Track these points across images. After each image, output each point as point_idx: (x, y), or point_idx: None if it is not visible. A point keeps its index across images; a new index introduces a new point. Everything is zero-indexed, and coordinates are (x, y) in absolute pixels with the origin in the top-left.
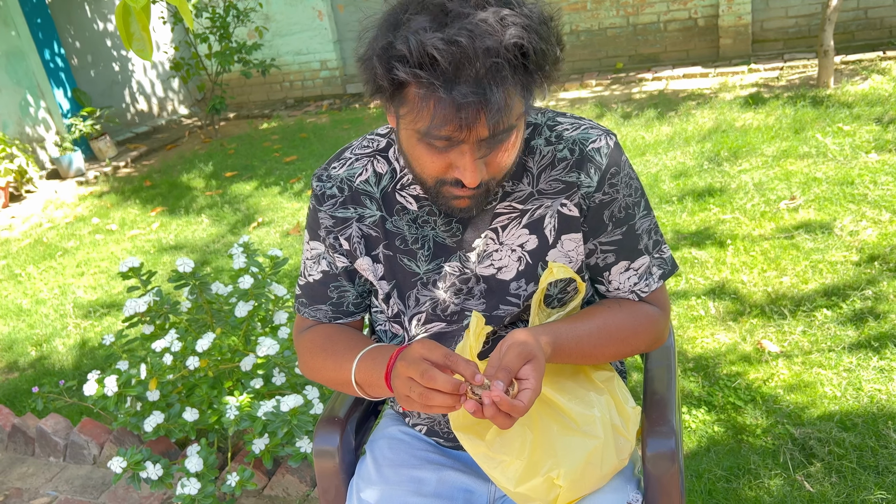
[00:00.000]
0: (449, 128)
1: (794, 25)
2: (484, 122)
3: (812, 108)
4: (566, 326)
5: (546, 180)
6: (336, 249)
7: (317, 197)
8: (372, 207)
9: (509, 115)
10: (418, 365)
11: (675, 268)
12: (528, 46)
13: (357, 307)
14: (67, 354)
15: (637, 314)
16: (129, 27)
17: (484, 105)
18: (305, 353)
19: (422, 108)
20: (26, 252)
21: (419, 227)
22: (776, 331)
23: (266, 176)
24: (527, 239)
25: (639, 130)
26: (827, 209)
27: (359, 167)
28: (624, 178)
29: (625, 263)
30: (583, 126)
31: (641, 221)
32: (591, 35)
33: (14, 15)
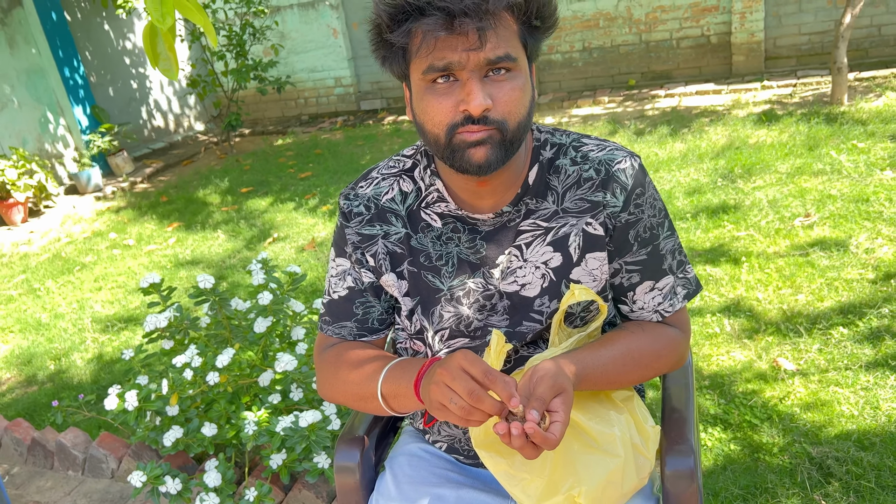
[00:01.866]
0: (448, 51)
1: (806, 42)
2: (479, 43)
3: (826, 125)
4: (591, 354)
5: (571, 199)
6: (363, 265)
7: (344, 215)
8: (397, 225)
9: (506, 39)
10: (463, 380)
11: (699, 288)
12: None
13: (381, 323)
14: (85, 368)
15: (659, 337)
16: (156, 47)
17: (479, 22)
18: (328, 368)
19: (427, 49)
20: (45, 267)
21: (443, 243)
22: (792, 349)
23: (281, 192)
24: (551, 256)
25: (652, 147)
26: (842, 226)
27: (385, 186)
28: (649, 199)
29: (649, 283)
30: (608, 147)
31: (666, 242)
32: (603, 52)
33: (35, 33)
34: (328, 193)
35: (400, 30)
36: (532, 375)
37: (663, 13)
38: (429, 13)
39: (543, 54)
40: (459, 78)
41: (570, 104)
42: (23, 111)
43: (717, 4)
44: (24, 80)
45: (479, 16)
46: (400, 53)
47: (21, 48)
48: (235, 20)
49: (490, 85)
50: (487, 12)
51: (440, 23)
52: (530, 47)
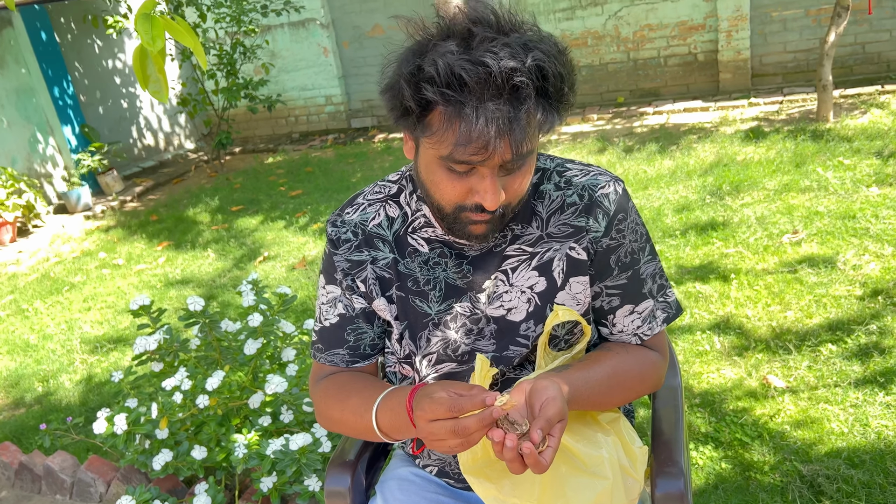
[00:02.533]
0: (474, 146)
1: (792, 60)
2: (508, 143)
3: (812, 142)
4: (579, 374)
5: (555, 224)
6: (354, 291)
7: (332, 242)
8: (385, 250)
9: (532, 136)
10: (439, 428)
11: (680, 311)
12: (549, 69)
13: (373, 349)
14: (74, 390)
15: (642, 360)
16: (146, 69)
17: (509, 124)
18: (321, 403)
19: (447, 129)
20: (33, 287)
21: (430, 268)
22: (782, 366)
23: (271, 210)
24: (536, 281)
25: (641, 164)
26: (829, 243)
27: (371, 212)
28: (630, 224)
29: (629, 307)
30: (592, 172)
31: (646, 266)
32: (592, 70)
33: (25, 53)
34: (319, 212)
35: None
36: (539, 393)
37: (651, 32)
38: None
39: None
40: (477, 169)
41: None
42: (12, 130)
43: (704, 23)
44: (13, 99)
45: (511, 128)
46: (413, 117)
47: (10, 68)
48: (226, 39)
49: (505, 178)
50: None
51: (473, 125)
52: (545, 127)
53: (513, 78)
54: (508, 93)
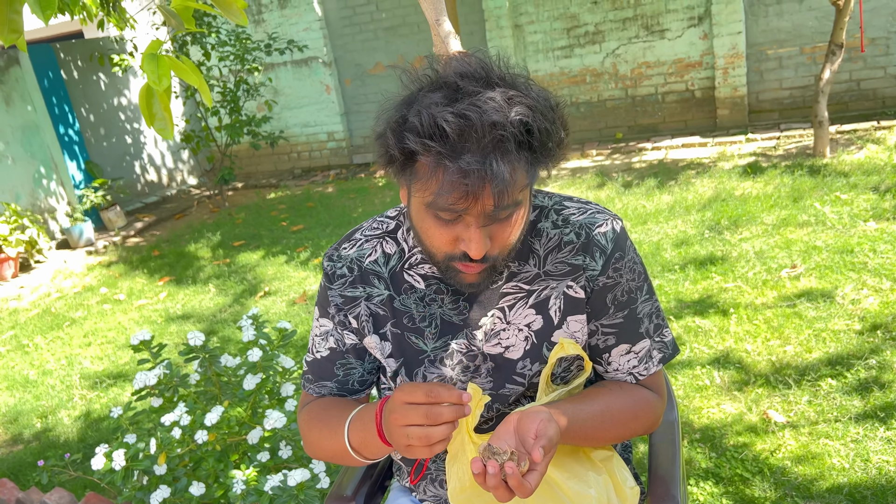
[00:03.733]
0: (454, 196)
1: (788, 97)
2: (489, 192)
3: (809, 177)
4: (574, 408)
5: (552, 262)
6: (346, 326)
7: (327, 276)
8: (380, 287)
9: (513, 188)
10: (413, 411)
11: (676, 351)
12: (533, 125)
13: (362, 384)
14: (73, 426)
15: (637, 399)
16: (152, 108)
17: (488, 174)
18: (304, 428)
19: (430, 177)
20: (34, 322)
21: (426, 305)
22: (782, 400)
23: (272, 245)
24: (533, 319)
25: (640, 199)
26: (828, 277)
27: (368, 248)
28: (628, 263)
29: (625, 346)
30: (589, 210)
31: (643, 305)
32: (590, 107)
33: (31, 90)
34: (319, 246)
35: (413, 153)
36: (530, 418)
37: (648, 69)
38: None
39: None
40: (463, 218)
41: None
42: (17, 167)
43: (701, 60)
44: (18, 136)
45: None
46: (401, 165)
47: (17, 105)
48: (230, 77)
49: (492, 227)
50: (501, 172)
51: (456, 175)
52: (534, 177)
53: (494, 131)
54: (490, 144)
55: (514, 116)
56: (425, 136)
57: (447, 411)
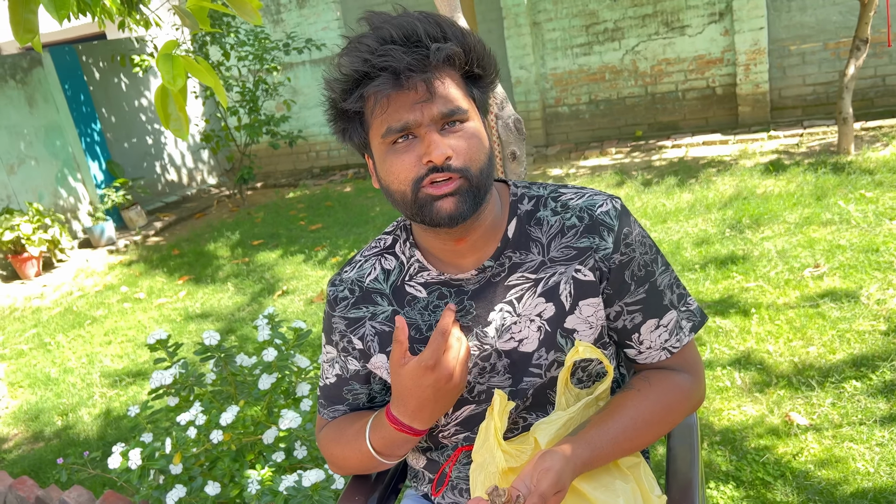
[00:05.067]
0: (402, 111)
1: (812, 93)
2: (429, 95)
3: (833, 175)
4: (599, 432)
5: (557, 248)
6: (349, 353)
7: (330, 302)
8: (383, 304)
9: (454, 94)
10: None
11: (705, 318)
12: (447, 29)
13: (372, 403)
14: (92, 424)
15: (668, 390)
16: (167, 108)
17: (425, 80)
18: (326, 450)
19: (377, 114)
20: (56, 321)
21: (431, 312)
22: (804, 403)
23: (291, 244)
24: (544, 307)
25: (659, 198)
26: (852, 277)
27: (368, 267)
28: (637, 237)
29: (653, 321)
30: (587, 194)
31: (662, 277)
32: (610, 104)
33: (54, 92)
34: (337, 245)
35: (352, 97)
36: (538, 464)
37: (668, 66)
38: (375, 75)
39: (550, 107)
40: (418, 135)
41: (577, 155)
42: (40, 167)
43: (722, 57)
44: (42, 137)
45: (424, 69)
46: (357, 122)
47: (40, 106)
48: (249, 77)
49: (447, 136)
50: (430, 65)
51: (388, 81)
52: (478, 100)
53: (410, 43)
54: (412, 54)
55: (428, 27)
56: (361, 75)
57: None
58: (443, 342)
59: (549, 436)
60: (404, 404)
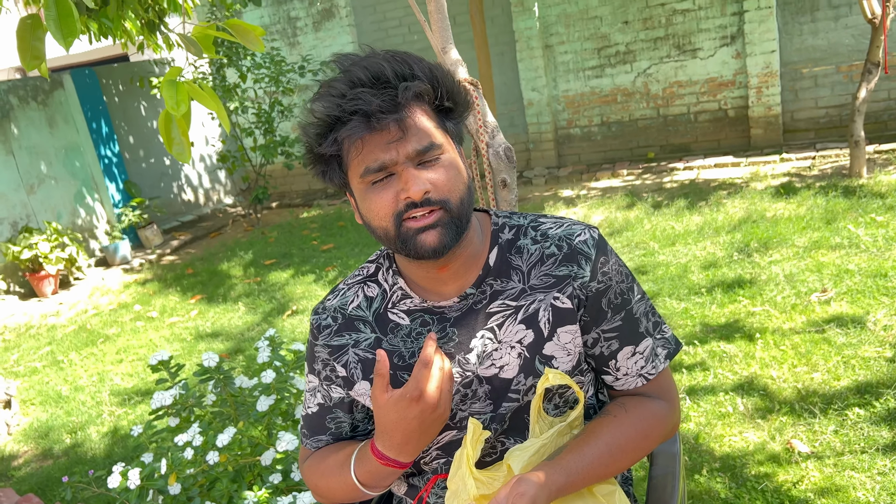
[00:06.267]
0: (377, 151)
1: (824, 116)
2: (402, 133)
3: (844, 199)
4: (576, 458)
5: (537, 276)
6: (332, 381)
7: (313, 331)
8: (366, 331)
9: (427, 129)
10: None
11: (679, 346)
12: (414, 66)
13: (354, 431)
14: (100, 442)
15: (644, 416)
16: (171, 133)
17: (397, 119)
18: (310, 481)
19: (353, 155)
20: (70, 338)
21: (414, 339)
22: (806, 430)
23: (302, 264)
24: (524, 334)
25: (669, 220)
26: (860, 302)
27: (351, 295)
28: (613, 266)
29: (630, 349)
30: (565, 224)
31: (638, 305)
32: (622, 126)
33: (75, 113)
34: (348, 266)
35: (327, 141)
36: (514, 489)
37: (680, 88)
38: (347, 119)
39: (562, 128)
40: (395, 172)
41: (589, 177)
42: (59, 186)
43: (734, 79)
44: (61, 157)
45: (394, 109)
46: (335, 164)
47: (60, 127)
48: (265, 98)
49: (425, 170)
50: (400, 105)
51: (360, 124)
52: (451, 131)
53: (380, 84)
54: (389, 98)
55: (395, 67)
56: (333, 121)
57: (421, 360)
58: (426, 372)
59: (523, 462)
60: (390, 438)
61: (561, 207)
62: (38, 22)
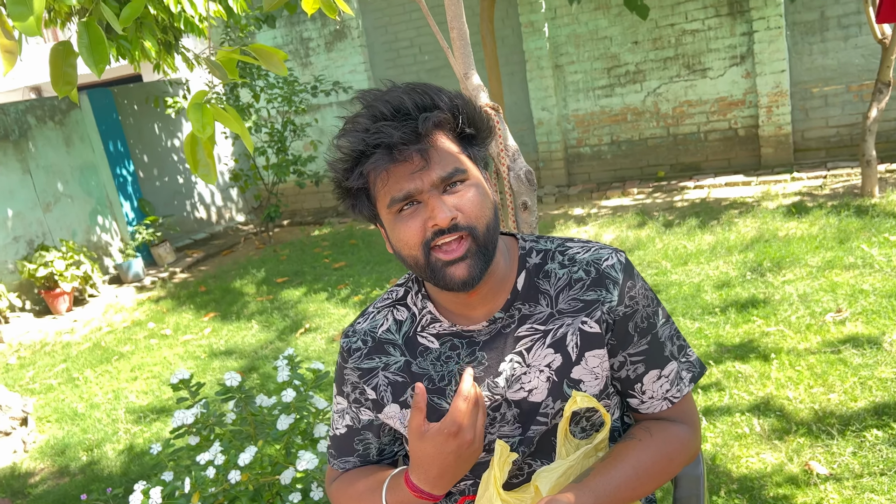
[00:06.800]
0: (402, 181)
1: (835, 135)
2: (425, 162)
3: (857, 218)
4: (603, 480)
5: (565, 300)
6: (361, 404)
7: (343, 353)
8: (396, 354)
9: (450, 156)
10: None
11: (704, 369)
12: (436, 97)
13: (381, 454)
14: (116, 460)
15: (668, 440)
16: (196, 155)
17: (419, 149)
18: (336, 500)
19: (382, 183)
20: (85, 356)
21: (443, 363)
22: (824, 451)
23: (315, 282)
24: (553, 358)
25: (681, 239)
26: (875, 323)
27: (380, 318)
28: (640, 290)
29: (655, 372)
30: (593, 248)
31: (663, 329)
32: (632, 145)
33: (90, 132)
34: (360, 284)
35: (353, 175)
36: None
37: (690, 108)
38: (371, 152)
39: (572, 147)
40: (421, 200)
41: (599, 195)
42: (74, 205)
43: (744, 99)
44: (77, 175)
45: (416, 140)
46: (364, 197)
47: (76, 146)
48: (277, 118)
49: (450, 197)
50: (421, 135)
51: (384, 156)
52: (475, 156)
53: (400, 116)
54: (413, 127)
55: (416, 98)
56: (358, 154)
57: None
58: (464, 407)
59: (551, 483)
60: (426, 472)
61: (572, 226)
62: (69, 49)
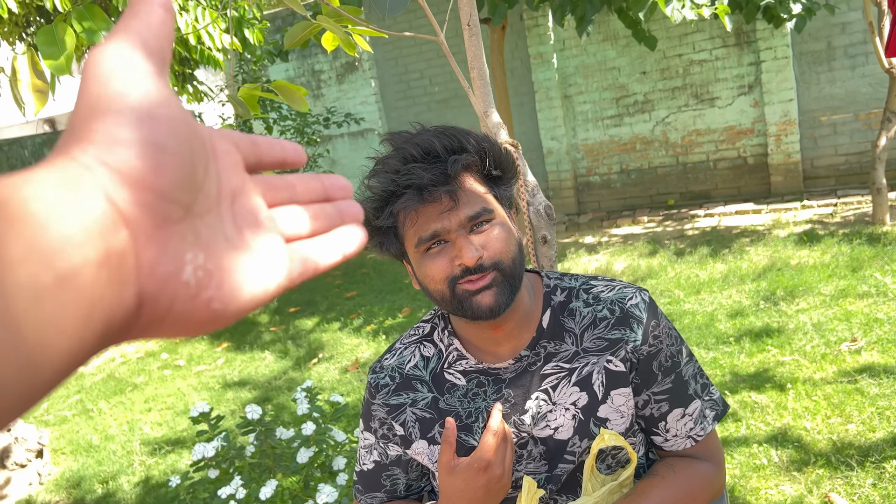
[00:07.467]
0: (431, 221)
1: (844, 163)
2: (453, 203)
3: (869, 246)
4: None
5: (590, 339)
6: (389, 440)
7: (370, 389)
8: (423, 390)
9: (477, 196)
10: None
11: (727, 407)
12: (463, 140)
13: (409, 490)
14: (132, 492)
15: (692, 477)
16: None
17: (448, 191)
18: None
19: (411, 222)
20: (99, 387)
21: (471, 399)
22: (844, 483)
23: (327, 311)
24: (578, 396)
25: (692, 268)
26: (891, 352)
27: (408, 354)
28: (664, 329)
29: (679, 410)
30: (617, 287)
31: (687, 367)
32: (641, 173)
33: None
34: (372, 313)
35: (383, 214)
36: None
37: (699, 136)
38: (401, 193)
39: (582, 176)
40: (448, 239)
41: (609, 224)
42: None
43: (752, 128)
44: None
45: (445, 181)
46: (392, 235)
47: None
48: None
49: (477, 237)
50: (450, 177)
51: (414, 197)
52: (501, 196)
53: (430, 157)
54: (441, 169)
55: (444, 141)
56: (388, 195)
57: (487, 436)
58: (493, 442)
59: None
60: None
61: (583, 254)
62: None
